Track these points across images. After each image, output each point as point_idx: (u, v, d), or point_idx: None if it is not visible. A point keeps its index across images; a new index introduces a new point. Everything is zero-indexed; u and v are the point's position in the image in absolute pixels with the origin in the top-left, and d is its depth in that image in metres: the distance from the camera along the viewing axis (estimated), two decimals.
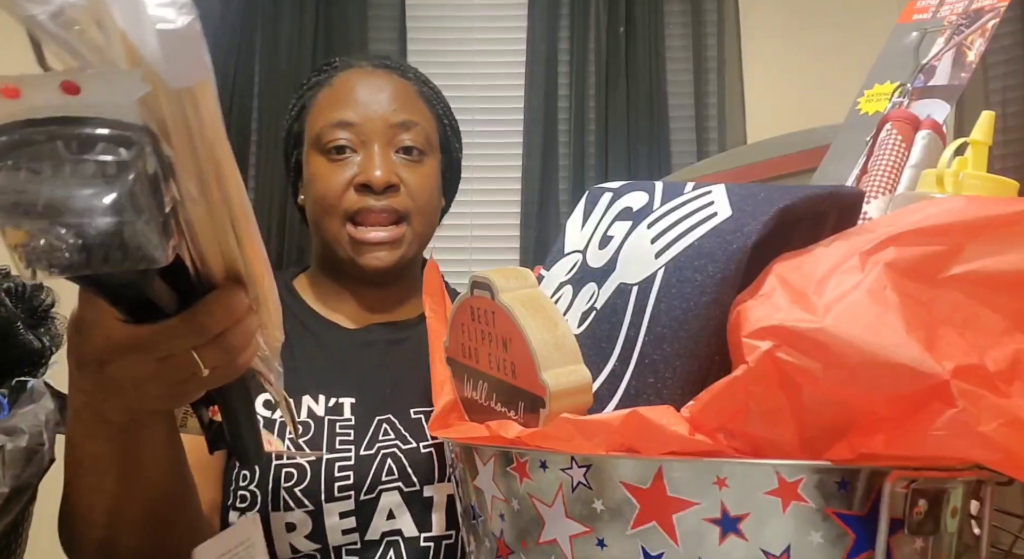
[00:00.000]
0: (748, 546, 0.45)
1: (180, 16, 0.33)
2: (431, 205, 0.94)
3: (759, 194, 0.53)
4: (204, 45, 0.35)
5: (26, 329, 0.77)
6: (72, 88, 0.34)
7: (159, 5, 0.33)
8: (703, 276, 0.51)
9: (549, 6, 2.41)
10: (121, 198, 0.35)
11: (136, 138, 0.35)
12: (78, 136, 0.34)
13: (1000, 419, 0.42)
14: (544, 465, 0.50)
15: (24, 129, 0.34)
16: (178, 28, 0.33)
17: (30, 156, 0.34)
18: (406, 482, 0.82)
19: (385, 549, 0.82)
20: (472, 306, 0.61)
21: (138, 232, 0.35)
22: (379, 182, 0.88)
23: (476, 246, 2.46)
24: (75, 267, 0.35)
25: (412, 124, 0.92)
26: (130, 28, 0.34)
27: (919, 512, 0.45)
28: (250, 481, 0.82)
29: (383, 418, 0.86)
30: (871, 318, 0.43)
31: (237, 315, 0.47)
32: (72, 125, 0.35)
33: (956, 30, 0.73)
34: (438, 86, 1.07)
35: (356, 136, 0.90)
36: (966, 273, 0.46)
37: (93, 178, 0.35)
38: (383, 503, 0.82)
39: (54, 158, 0.34)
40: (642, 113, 2.34)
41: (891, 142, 0.68)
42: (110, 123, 0.35)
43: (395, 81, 0.95)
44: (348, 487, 0.81)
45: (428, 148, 0.94)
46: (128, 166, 0.35)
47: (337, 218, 0.89)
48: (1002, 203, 0.47)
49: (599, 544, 0.48)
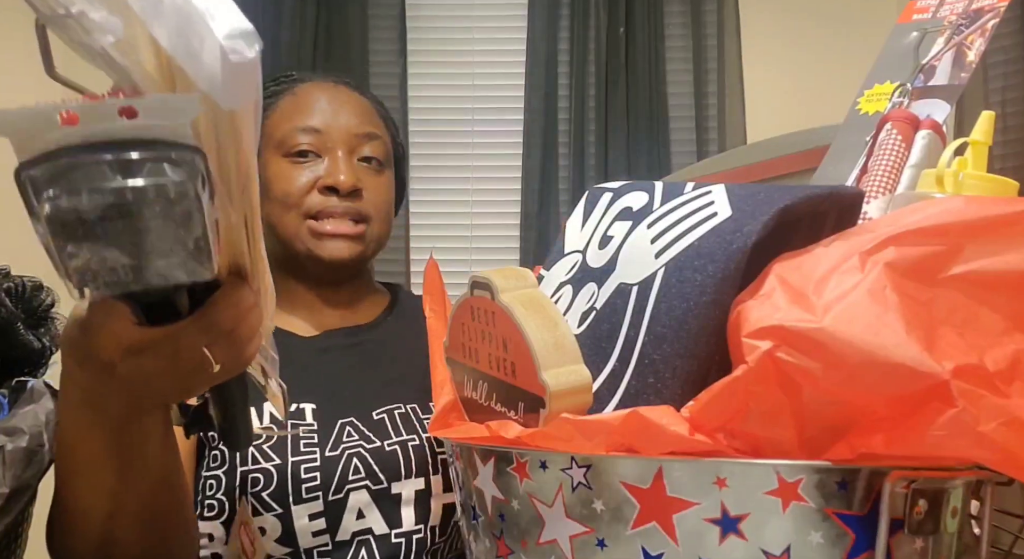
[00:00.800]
0: (748, 546, 0.45)
1: (249, 48, 0.34)
2: (388, 213, 0.98)
3: (759, 194, 0.52)
4: (260, 69, 0.36)
5: (26, 329, 0.76)
6: (131, 113, 0.35)
7: (230, 36, 0.34)
8: (703, 276, 0.51)
9: (549, 6, 2.41)
10: (177, 220, 0.36)
11: (191, 160, 0.36)
12: (136, 160, 0.35)
13: (1000, 419, 0.42)
14: (544, 465, 0.50)
15: (82, 153, 0.35)
16: (247, 59, 0.34)
17: (87, 179, 0.35)
18: (373, 480, 0.83)
19: (357, 548, 0.82)
20: (472, 306, 0.61)
21: (191, 253, 0.37)
22: (345, 185, 0.91)
23: (476, 246, 2.46)
24: (129, 286, 0.36)
25: (375, 136, 0.96)
26: (180, 53, 0.35)
27: (919, 512, 0.45)
28: (216, 489, 0.82)
29: (345, 421, 0.87)
30: (871, 318, 0.43)
31: (245, 311, 0.48)
32: (129, 149, 0.35)
33: (956, 30, 0.73)
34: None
35: (320, 142, 0.93)
36: (966, 273, 0.46)
37: (150, 201, 0.35)
38: (352, 502, 0.82)
39: (111, 181, 0.35)
40: (642, 113, 2.34)
41: (891, 142, 0.68)
42: (166, 146, 0.36)
43: (357, 98, 0.99)
44: (316, 488, 0.81)
45: (386, 160, 0.98)
46: (184, 189, 0.36)
47: (297, 215, 0.92)
48: (1002, 203, 0.47)
49: (599, 544, 0.48)
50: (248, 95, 0.36)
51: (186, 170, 0.36)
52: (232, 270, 0.47)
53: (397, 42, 2.42)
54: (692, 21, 2.41)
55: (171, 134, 0.36)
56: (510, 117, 2.45)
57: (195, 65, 0.34)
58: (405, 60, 2.41)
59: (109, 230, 0.35)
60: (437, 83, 2.46)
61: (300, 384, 0.89)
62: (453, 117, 2.46)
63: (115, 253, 0.35)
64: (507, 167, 2.44)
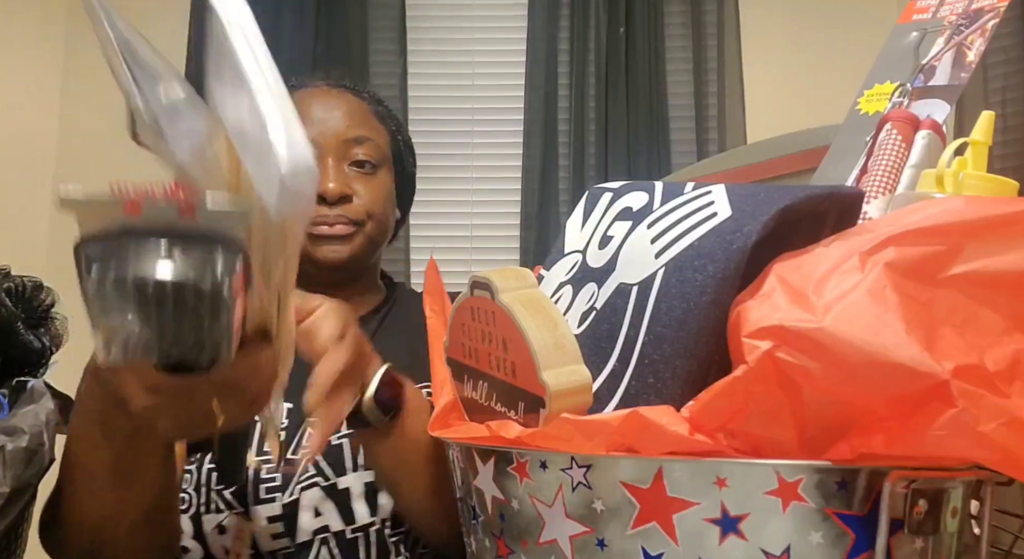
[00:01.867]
0: (748, 546, 0.45)
1: (306, 181, 0.39)
2: (383, 214, 0.98)
3: (759, 194, 0.52)
4: (314, 192, 0.41)
5: (26, 329, 0.76)
6: (190, 211, 0.39)
7: (292, 172, 0.39)
8: (703, 276, 0.51)
9: (549, 6, 2.41)
10: (205, 314, 0.40)
11: (233, 261, 0.40)
12: (182, 254, 0.39)
13: (1000, 419, 0.42)
14: (544, 465, 0.50)
15: (137, 239, 0.39)
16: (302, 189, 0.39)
17: (135, 265, 0.39)
18: (323, 477, 0.83)
19: (319, 547, 0.82)
20: (472, 306, 0.61)
21: (211, 343, 0.41)
22: (332, 193, 0.91)
23: (476, 246, 2.46)
24: (151, 357, 0.40)
25: (365, 139, 0.96)
26: (251, 167, 0.40)
27: (919, 512, 0.44)
28: (189, 483, 0.83)
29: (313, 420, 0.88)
30: (871, 318, 0.43)
31: (260, 373, 0.51)
32: (180, 243, 0.39)
33: (956, 30, 0.73)
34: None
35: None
36: (966, 273, 0.46)
37: (185, 294, 0.39)
38: (305, 501, 0.83)
39: (155, 271, 0.39)
40: (642, 113, 2.34)
41: (891, 142, 0.68)
42: (215, 245, 0.40)
43: (349, 100, 0.99)
44: (274, 489, 0.82)
45: (381, 160, 0.97)
46: (219, 289, 0.40)
47: None
48: (1002, 203, 0.47)
49: (599, 544, 0.48)
50: (299, 211, 0.40)
51: (226, 270, 0.40)
52: (258, 330, 0.50)
53: (397, 42, 2.42)
54: (692, 21, 2.41)
55: (221, 236, 0.40)
56: (510, 117, 2.45)
57: (260, 182, 0.39)
58: (405, 60, 2.41)
59: (142, 310, 0.39)
60: (437, 83, 2.46)
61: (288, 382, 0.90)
62: (453, 117, 2.46)
63: (142, 330, 0.39)
64: (507, 167, 2.44)
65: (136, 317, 0.39)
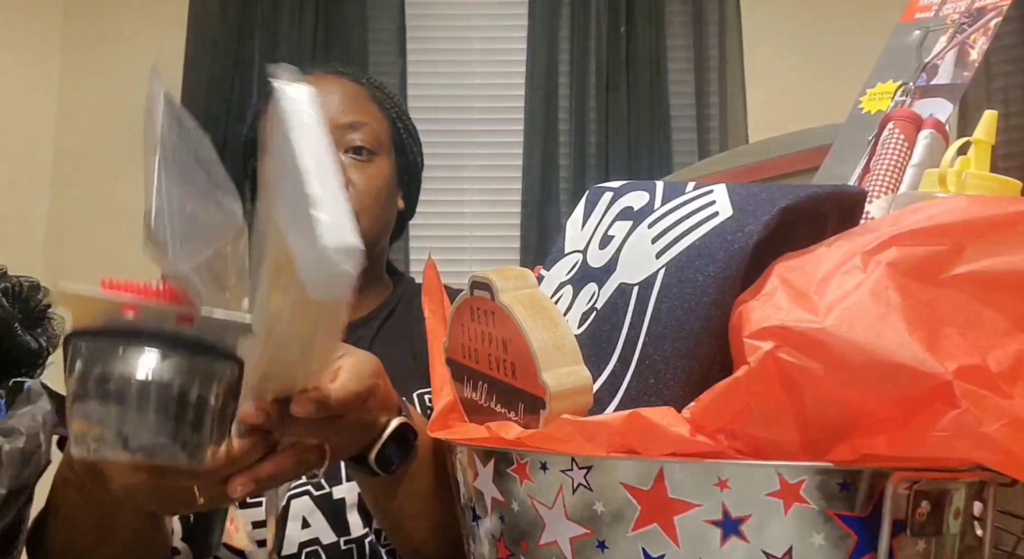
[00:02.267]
0: (750, 548, 0.45)
1: (348, 264, 0.40)
2: (379, 203, 0.94)
3: (760, 194, 0.52)
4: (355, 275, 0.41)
5: (23, 330, 0.76)
6: (189, 319, 0.39)
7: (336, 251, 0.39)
8: (704, 276, 0.50)
9: (549, 6, 2.40)
10: (184, 419, 0.40)
11: (224, 370, 0.41)
12: (170, 360, 0.40)
13: (1002, 420, 0.42)
14: (544, 466, 0.50)
15: (128, 339, 0.39)
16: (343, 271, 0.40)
17: (123, 364, 0.39)
18: (315, 485, 0.80)
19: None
20: (472, 306, 0.61)
21: (186, 448, 0.41)
22: None
23: (476, 246, 2.46)
24: (112, 456, 0.40)
25: (360, 124, 0.93)
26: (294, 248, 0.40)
27: (922, 513, 0.44)
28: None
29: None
30: (873, 318, 0.43)
31: (246, 466, 0.50)
32: (171, 348, 0.40)
33: (958, 29, 0.73)
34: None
35: None
36: (968, 273, 0.45)
37: (168, 398, 0.40)
38: (294, 510, 0.79)
39: (141, 372, 0.39)
40: (643, 113, 2.34)
41: (893, 141, 0.68)
42: (206, 352, 0.40)
43: (346, 85, 0.96)
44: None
45: (378, 147, 0.94)
46: (204, 396, 0.40)
47: None
48: (1005, 203, 0.47)
49: (600, 546, 0.48)
50: (339, 294, 0.41)
51: (217, 379, 0.41)
52: (277, 397, 0.49)
53: (397, 42, 2.42)
54: (693, 20, 2.41)
55: (216, 345, 0.40)
56: (510, 117, 2.44)
57: (302, 260, 0.39)
58: (405, 60, 2.41)
59: (121, 410, 0.39)
60: (437, 82, 2.46)
61: None
62: (453, 117, 2.46)
63: (119, 429, 0.40)
64: (507, 167, 2.44)
65: (114, 415, 0.39)
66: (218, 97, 2.33)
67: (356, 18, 2.39)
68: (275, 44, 2.36)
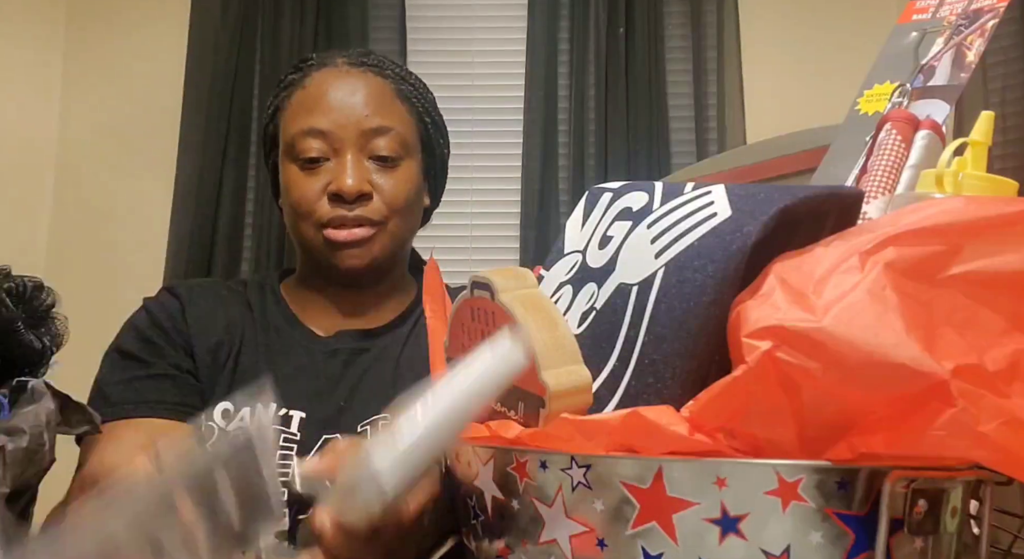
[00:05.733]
0: (748, 546, 0.45)
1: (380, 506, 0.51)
2: (407, 207, 0.93)
3: (759, 194, 0.53)
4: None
5: (27, 329, 0.76)
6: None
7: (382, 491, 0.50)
8: (703, 276, 0.51)
9: (549, 6, 2.41)
10: None
11: None
12: None
13: (1000, 419, 0.42)
14: (544, 465, 0.50)
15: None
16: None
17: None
18: None
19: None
20: (472, 306, 0.61)
21: None
22: (351, 191, 0.87)
23: (476, 246, 2.46)
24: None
25: (386, 130, 0.90)
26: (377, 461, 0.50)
27: (919, 512, 0.44)
28: None
29: (330, 436, 0.85)
30: (871, 318, 0.43)
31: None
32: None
33: (955, 30, 0.73)
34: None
35: (328, 145, 0.89)
36: (965, 273, 0.46)
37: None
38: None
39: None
40: (642, 113, 2.34)
41: (891, 142, 0.68)
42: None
43: (371, 81, 0.93)
44: (283, 503, 0.79)
45: (404, 152, 0.92)
46: None
47: (312, 225, 0.90)
48: (1001, 203, 0.47)
49: (599, 544, 0.48)
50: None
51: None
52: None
53: (397, 42, 2.42)
54: (692, 21, 2.42)
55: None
56: (510, 117, 2.45)
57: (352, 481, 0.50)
58: (405, 60, 2.41)
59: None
60: (437, 83, 2.45)
61: (296, 388, 0.89)
62: (453, 117, 2.46)
63: None
64: (507, 167, 2.44)
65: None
66: (220, 97, 2.33)
67: (357, 18, 2.40)
68: (276, 44, 2.36)
